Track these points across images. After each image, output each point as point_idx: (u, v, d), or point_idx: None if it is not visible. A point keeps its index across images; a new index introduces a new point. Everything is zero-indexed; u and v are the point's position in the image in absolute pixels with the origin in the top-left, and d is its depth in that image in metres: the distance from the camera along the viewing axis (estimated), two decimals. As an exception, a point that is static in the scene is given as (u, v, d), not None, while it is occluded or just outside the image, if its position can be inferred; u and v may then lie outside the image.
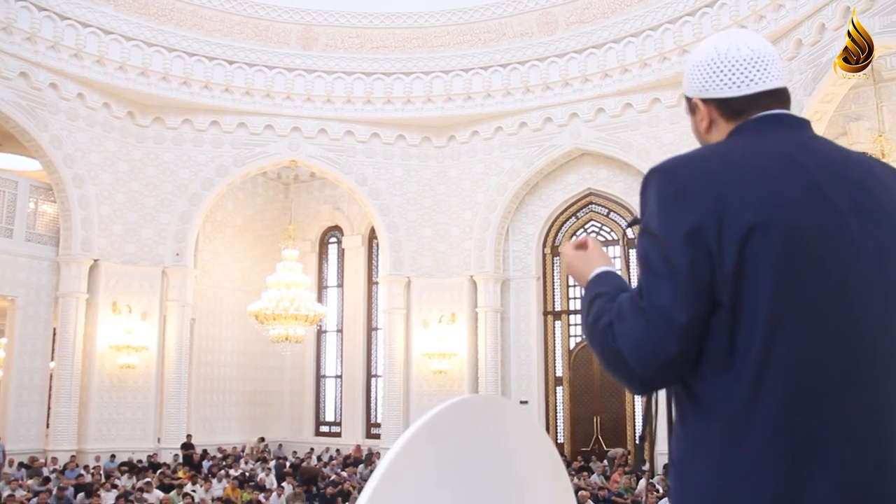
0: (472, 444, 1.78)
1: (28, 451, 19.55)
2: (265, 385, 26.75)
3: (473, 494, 1.74)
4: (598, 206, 22.51)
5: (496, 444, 1.87)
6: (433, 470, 1.65)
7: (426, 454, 1.63)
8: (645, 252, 1.65)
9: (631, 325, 1.60)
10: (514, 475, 1.89)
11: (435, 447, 1.66)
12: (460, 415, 1.80)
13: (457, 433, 1.75)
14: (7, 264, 19.85)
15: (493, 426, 1.89)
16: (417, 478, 1.59)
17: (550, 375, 22.73)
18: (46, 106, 19.68)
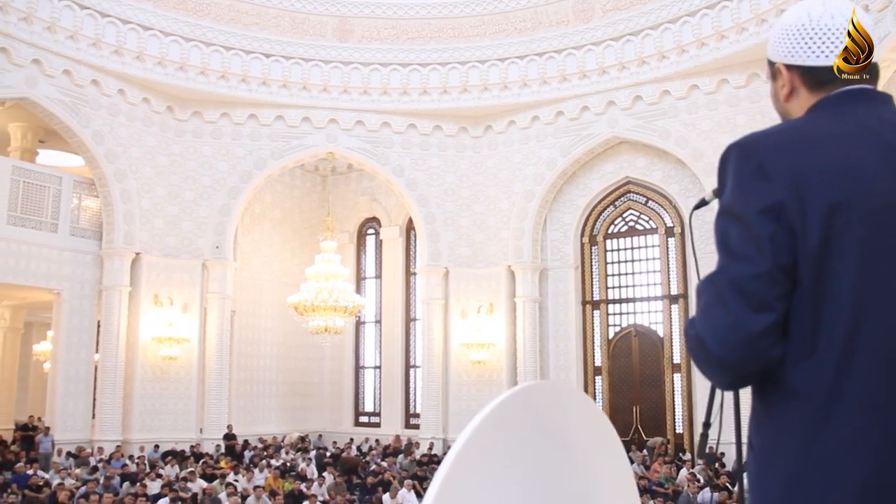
0: (538, 430, 1.78)
1: (75, 441, 19.91)
2: (305, 376, 26.95)
3: (540, 479, 1.74)
4: (636, 194, 22.34)
5: (561, 429, 1.86)
6: (501, 455, 1.66)
7: (494, 440, 1.63)
8: (723, 232, 1.60)
9: (709, 309, 1.56)
10: (578, 461, 1.88)
11: (502, 433, 1.67)
12: (526, 401, 1.80)
13: (523, 419, 1.75)
14: (52, 259, 20.18)
15: (559, 412, 1.89)
16: (486, 463, 1.60)
17: (589, 365, 22.64)
18: (88, 102, 19.96)
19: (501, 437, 1.67)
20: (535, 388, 1.94)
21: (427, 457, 20.78)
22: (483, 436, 1.60)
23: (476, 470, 1.57)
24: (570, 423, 1.92)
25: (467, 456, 1.55)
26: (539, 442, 1.78)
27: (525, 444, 1.74)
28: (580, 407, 2.03)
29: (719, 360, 1.56)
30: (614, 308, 22.72)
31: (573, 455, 1.87)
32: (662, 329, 21.80)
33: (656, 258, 22.12)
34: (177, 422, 21.27)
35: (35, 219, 20.07)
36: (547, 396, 1.96)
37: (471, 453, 1.55)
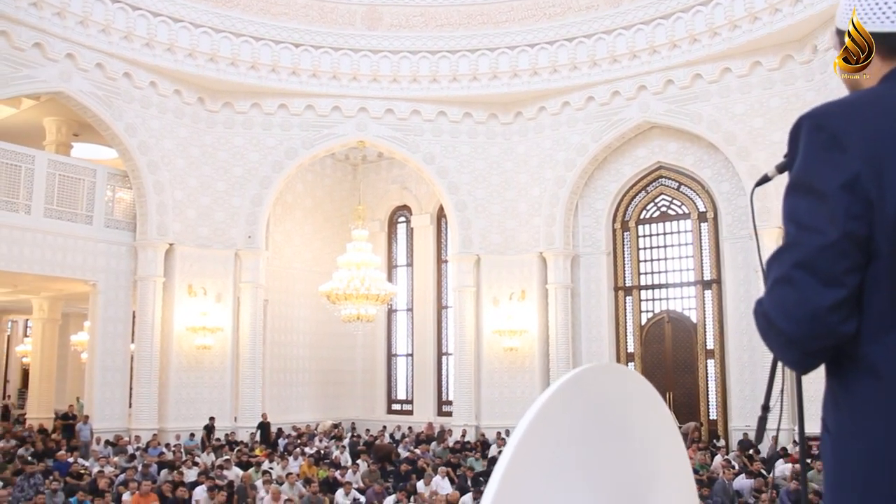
0: (599, 413, 1.77)
1: (113, 430, 20.20)
2: (337, 364, 27.09)
3: (601, 463, 1.72)
4: (668, 179, 22.16)
5: (621, 413, 1.85)
6: (563, 438, 1.65)
7: (557, 423, 1.62)
8: (793, 206, 1.54)
9: (776, 285, 1.52)
10: (637, 446, 1.87)
11: (565, 416, 1.66)
12: (588, 383, 1.78)
13: (584, 402, 1.73)
14: (88, 250, 20.43)
15: (620, 395, 1.88)
16: (549, 446, 1.59)
17: (622, 351, 22.54)
18: (121, 95, 20.14)
19: (564, 421, 1.66)
20: (596, 370, 1.92)
21: (460, 444, 20.82)
22: (546, 418, 1.59)
23: (539, 452, 1.56)
24: (631, 407, 1.91)
25: (531, 439, 1.54)
26: (600, 425, 1.77)
27: (586, 427, 1.73)
28: (640, 390, 2.01)
29: (787, 337, 1.52)
30: (647, 294, 22.59)
31: (633, 439, 1.86)
32: (695, 315, 21.64)
33: (689, 243, 21.95)
34: (211, 410, 21.48)
35: (70, 211, 20.32)
36: (608, 379, 1.94)
37: (534, 437, 1.54)
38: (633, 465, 1.83)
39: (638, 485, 1.81)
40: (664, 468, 1.97)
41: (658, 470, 1.93)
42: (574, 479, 1.64)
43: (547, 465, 1.57)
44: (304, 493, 13.82)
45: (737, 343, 20.22)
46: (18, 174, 19.40)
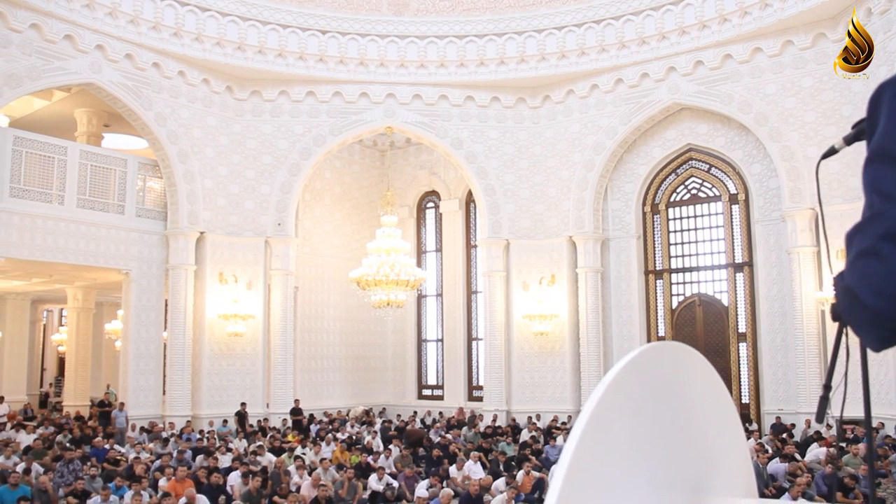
0: (663, 390, 1.76)
1: (148, 417, 20.45)
2: (368, 350, 27.21)
3: (666, 438, 1.72)
4: (698, 161, 21.96)
5: (684, 390, 1.84)
6: (631, 414, 1.64)
7: (623, 399, 1.61)
8: (875, 177, 1.44)
9: (860, 259, 1.43)
10: (699, 423, 1.86)
11: (630, 392, 1.65)
12: (652, 360, 1.77)
13: (650, 378, 1.73)
14: (120, 239, 20.64)
15: (682, 373, 1.86)
16: (614, 427, 1.59)
17: (653, 335, 22.44)
18: (150, 85, 20.27)
19: (632, 396, 1.65)
20: (662, 347, 1.90)
21: (491, 429, 20.84)
22: (615, 393, 1.59)
23: (608, 427, 1.56)
24: (694, 386, 1.90)
25: (600, 413, 1.53)
26: (666, 402, 1.76)
27: (653, 404, 1.72)
28: (703, 371, 1.99)
29: (875, 313, 1.41)
30: (677, 277, 22.45)
31: (697, 418, 1.85)
32: (727, 298, 21.46)
33: (720, 226, 21.76)
34: (244, 397, 21.65)
35: (102, 201, 20.53)
36: (673, 357, 1.93)
37: (603, 411, 1.54)
38: (697, 445, 1.82)
39: (700, 464, 1.80)
40: (725, 449, 1.96)
41: (719, 450, 1.92)
42: (641, 454, 1.63)
43: (616, 439, 1.57)
44: (338, 479, 13.92)
45: (769, 326, 20.05)
46: (51, 165, 19.62)
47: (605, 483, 1.49)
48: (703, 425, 1.88)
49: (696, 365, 1.98)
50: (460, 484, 14.26)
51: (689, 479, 1.75)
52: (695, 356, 1.99)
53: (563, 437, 18.79)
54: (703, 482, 1.78)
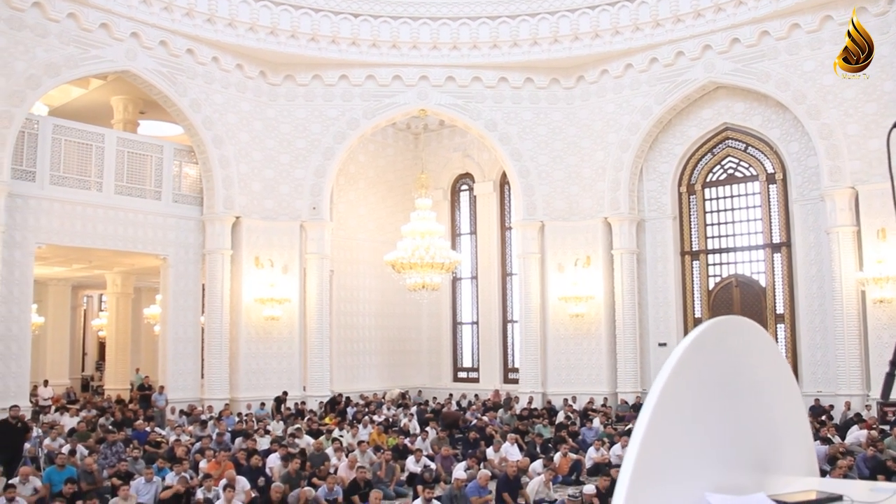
0: (732, 364, 1.75)
1: (186, 400, 20.71)
2: (403, 333, 27.30)
3: (734, 411, 1.71)
4: (735, 140, 21.69)
5: (751, 366, 1.83)
6: (698, 391, 1.64)
7: (691, 376, 1.61)
8: None
9: None
10: (765, 398, 1.85)
11: (700, 365, 1.64)
12: (720, 335, 1.77)
13: (719, 352, 1.72)
14: (157, 225, 20.87)
15: (748, 349, 1.85)
16: (689, 391, 1.58)
17: (689, 316, 22.28)
18: (185, 71, 20.41)
19: (702, 369, 1.64)
20: (730, 322, 1.89)
21: (527, 411, 20.86)
22: (686, 365, 1.58)
23: (676, 406, 1.55)
24: (760, 362, 1.88)
25: (673, 384, 1.53)
26: (734, 376, 1.75)
27: (722, 377, 1.72)
28: (769, 347, 1.97)
29: None
30: (714, 258, 22.26)
31: (763, 394, 1.83)
32: (765, 279, 21.24)
33: (757, 206, 21.51)
34: (281, 380, 21.84)
35: (139, 187, 20.77)
36: (740, 332, 1.91)
37: (671, 393, 1.53)
38: (762, 422, 1.80)
39: (765, 442, 1.79)
40: (788, 427, 1.94)
41: (783, 428, 1.90)
42: (710, 430, 1.63)
43: (686, 414, 1.56)
44: (375, 461, 14.01)
45: (807, 307, 19.82)
46: (89, 153, 19.86)
47: (675, 459, 1.49)
48: (768, 402, 1.86)
49: (761, 341, 1.96)
50: (497, 466, 14.30)
51: (755, 457, 1.74)
52: (759, 332, 1.97)
53: (600, 420, 18.76)
54: (767, 460, 1.76)
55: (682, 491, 1.50)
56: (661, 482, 1.42)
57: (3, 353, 17.56)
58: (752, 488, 1.63)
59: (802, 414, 2.09)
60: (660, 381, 1.54)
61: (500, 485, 11.94)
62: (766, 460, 1.77)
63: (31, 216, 18.50)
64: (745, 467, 1.70)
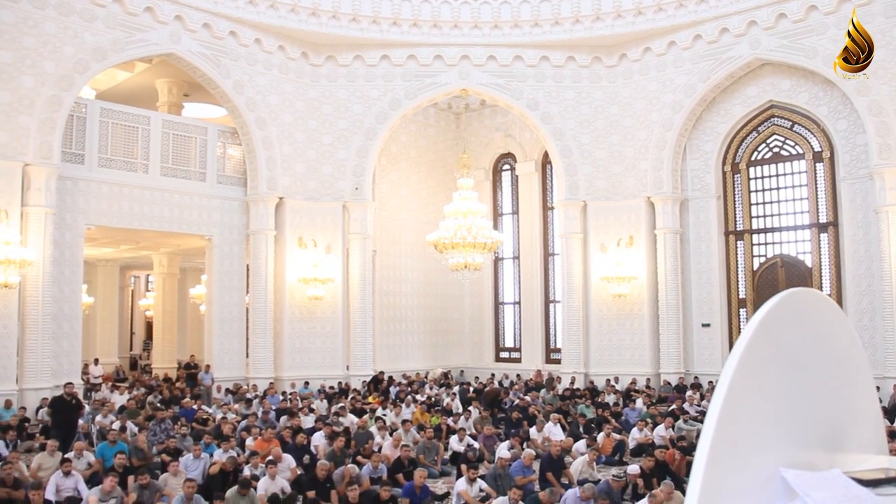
0: (808, 337, 1.76)
1: (232, 379, 21.02)
2: (445, 313, 27.39)
3: (810, 383, 1.72)
4: (780, 118, 21.34)
5: (822, 341, 1.83)
6: (773, 365, 1.65)
7: (771, 342, 1.62)
8: None
9: None
10: (839, 373, 1.85)
11: (777, 335, 1.65)
12: (796, 306, 1.77)
13: (795, 324, 1.73)
14: (202, 206, 21.14)
15: (824, 323, 1.85)
16: (765, 361, 1.60)
17: (733, 297, 22.07)
18: (227, 53, 20.57)
19: (779, 340, 1.65)
20: (805, 294, 1.90)
21: (569, 391, 20.86)
22: (764, 335, 1.60)
23: (757, 368, 1.57)
24: (834, 337, 1.88)
25: (750, 354, 1.55)
26: (810, 349, 1.76)
27: (798, 349, 1.72)
28: (842, 323, 1.98)
29: None
30: (759, 238, 21.99)
31: (833, 372, 1.84)
32: (811, 259, 20.94)
33: (803, 185, 21.18)
34: (324, 359, 22.06)
35: (184, 169, 21.04)
36: (815, 305, 1.91)
37: (753, 352, 1.55)
38: (835, 398, 1.80)
39: (837, 418, 1.79)
40: (859, 404, 1.93)
41: (854, 405, 1.90)
42: (784, 405, 1.64)
43: (761, 390, 1.57)
44: (419, 440, 14.12)
45: (855, 288, 19.50)
46: (135, 135, 20.16)
47: (751, 433, 1.50)
48: (840, 378, 1.86)
49: (834, 314, 1.95)
50: (540, 445, 14.34)
51: (828, 434, 1.74)
52: (832, 305, 1.97)
53: (643, 400, 18.71)
54: (839, 437, 1.77)
55: (757, 465, 1.52)
56: (737, 456, 1.44)
57: (56, 332, 17.96)
58: (824, 465, 1.63)
59: (872, 391, 2.09)
60: (736, 352, 1.55)
61: (543, 464, 11.98)
62: (839, 437, 1.76)
63: (81, 198, 18.86)
64: (818, 444, 1.70)
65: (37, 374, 17.30)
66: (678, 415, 16.01)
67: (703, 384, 20.88)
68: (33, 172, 17.22)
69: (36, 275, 17.18)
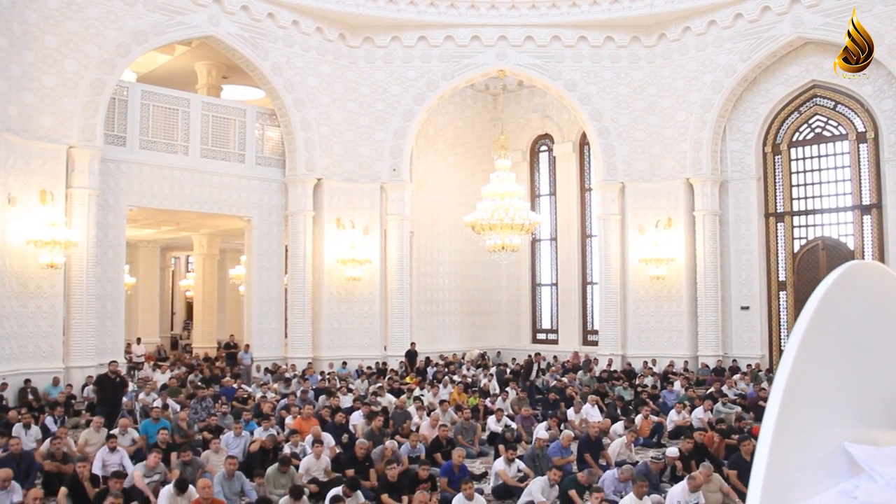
0: (867, 315, 1.75)
1: (271, 358, 21.27)
2: (482, 294, 27.42)
3: (870, 365, 1.72)
4: (823, 98, 21.00)
5: (885, 316, 1.82)
6: (837, 338, 1.65)
7: (836, 312, 1.63)
8: None
9: None
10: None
11: (842, 306, 1.66)
12: (859, 278, 1.77)
13: (858, 296, 1.73)
14: (242, 187, 21.33)
15: (885, 297, 1.84)
16: (830, 333, 1.60)
17: (773, 280, 21.85)
18: (266, 35, 20.67)
19: (844, 311, 1.66)
20: (869, 266, 1.88)
21: (606, 373, 20.82)
22: (829, 305, 1.61)
23: (822, 340, 1.58)
24: (893, 312, 1.88)
25: (815, 325, 1.56)
26: (874, 323, 1.75)
27: (863, 321, 1.72)
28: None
29: None
30: (799, 220, 21.71)
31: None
32: (853, 241, 20.64)
33: (846, 166, 20.85)
34: (362, 340, 22.22)
35: (223, 150, 21.23)
36: (875, 280, 1.89)
37: (818, 323, 1.56)
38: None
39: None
40: None
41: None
42: (849, 381, 1.64)
43: (827, 356, 1.58)
44: (457, 420, 14.20)
45: (899, 270, 19.19)
46: (176, 117, 20.37)
47: (816, 406, 1.51)
48: None
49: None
50: (578, 427, 14.35)
51: (888, 409, 1.74)
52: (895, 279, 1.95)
53: (681, 383, 18.64)
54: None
55: (822, 439, 1.53)
56: (803, 429, 1.45)
57: (100, 312, 18.28)
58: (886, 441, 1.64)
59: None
60: (800, 325, 1.55)
61: (581, 445, 12.00)
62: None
63: (123, 180, 19.14)
64: (880, 420, 1.70)
65: (82, 353, 17.67)
66: (717, 398, 15.94)
67: (741, 367, 20.75)
68: (77, 155, 17.50)
69: (80, 255, 17.51)
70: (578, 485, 9.43)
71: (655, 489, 9.88)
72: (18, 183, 16.48)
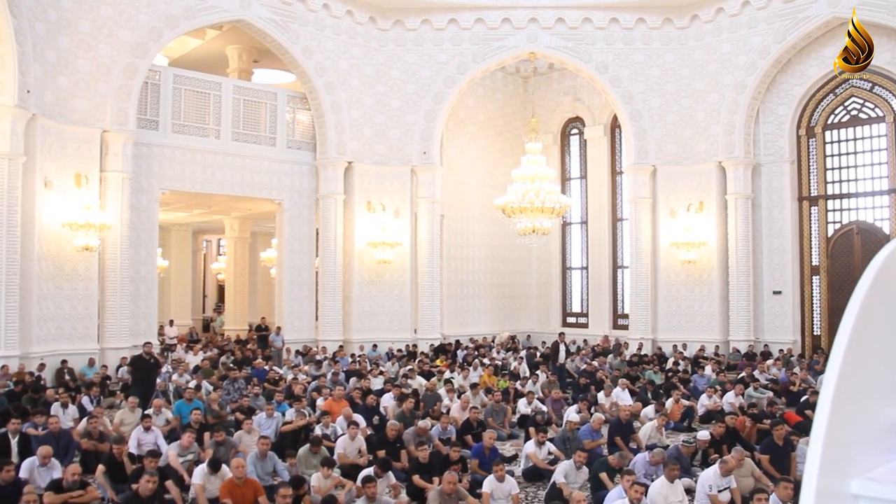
0: None
1: (302, 341, 21.41)
2: (512, 278, 27.39)
3: None
4: (859, 80, 20.67)
5: None
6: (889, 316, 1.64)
7: (885, 291, 1.62)
8: None
9: None
10: None
11: (887, 299, 1.65)
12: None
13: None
14: (273, 171, 21.44)
15: None
16: (887, 304, 1.60)
17: (806, 264, 21.62)
18: (296, 19, 20.69)
19: (889, 294, 1.65)
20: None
21: (637, 357, 20.76)
22: (884, 279, 1.60)
23: (869, 336, 1.57)
24: None
25: (872, 298, 1.55)
26: None
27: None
28: None
29: None
30: (834, 204, 21.44)
31: None
32: (889, 225, 20.36)
33: (883, 149, 20.54)
34: (392, 322, 22.30)
35: (255, 134, 21.33)
36: None
37: (866, 312, 1.55)
38: None
39: None
40: None
41: None
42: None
43: (881, 330, 1.57)
44: (487, 403, 14.23)
45: (936, 254, 18.91)
46: (207, 101, 20.49)
47: (868, 385, 1.50)
48: None
49: None
50: (608, 410, 14.35)
51: None
52: None
53: (712, 367, 18.54)
54: None
55: (876, 416, 1.52)
56: (857, 405, 1.45)
57: (133, 294, 18.51)
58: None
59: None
60: (854, 304, 1.55)
61: (612, 429, 11.98)
62: None
63: (156, 163, 19.32)
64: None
65: (116, 334, 17.93)
66: (748, 382, 15.84)
67: (773, 352, 20.60)
68: (110, 139, 17.69)
69: (114, 238, 17.73)
70: (609, 467, 9.43)
71: (686, 473, 9.86)
72: (54, 167, 16.70)
